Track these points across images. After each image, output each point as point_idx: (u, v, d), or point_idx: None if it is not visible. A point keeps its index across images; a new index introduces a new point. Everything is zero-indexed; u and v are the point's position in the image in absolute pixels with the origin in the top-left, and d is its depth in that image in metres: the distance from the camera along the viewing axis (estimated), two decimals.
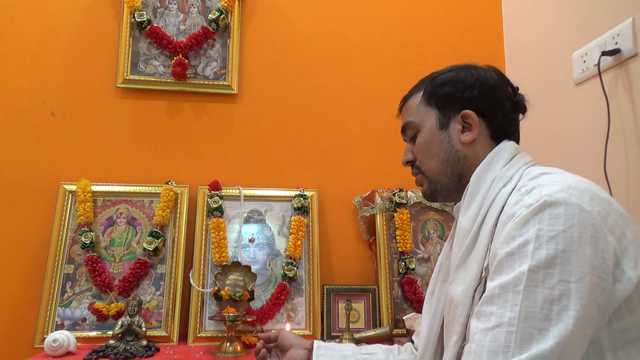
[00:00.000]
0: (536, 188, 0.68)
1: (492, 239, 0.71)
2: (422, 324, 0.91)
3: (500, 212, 0.72)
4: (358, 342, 1.41)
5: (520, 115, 0.89)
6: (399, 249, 1.61)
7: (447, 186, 0.87)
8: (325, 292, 1.56)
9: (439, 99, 0.87)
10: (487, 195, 0.77)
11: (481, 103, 0.84)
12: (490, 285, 0.65)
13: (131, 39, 1.68)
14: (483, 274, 0.70)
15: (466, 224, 0.78)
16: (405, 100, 0.95)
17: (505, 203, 0.72)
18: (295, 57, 1.79)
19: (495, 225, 0.71)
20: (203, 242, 1.54)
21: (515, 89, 0.88)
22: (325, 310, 1.53)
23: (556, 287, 0.59)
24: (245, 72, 1.76)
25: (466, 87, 0.85)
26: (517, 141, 0.87)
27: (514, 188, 0.74)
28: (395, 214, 1.64)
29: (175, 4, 1.73)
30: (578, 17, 1.47)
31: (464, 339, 0.71)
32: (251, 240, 1.59)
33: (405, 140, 0.95)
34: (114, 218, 1.55)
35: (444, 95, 0.86)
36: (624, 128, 1.27)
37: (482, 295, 0.68)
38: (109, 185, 1.58)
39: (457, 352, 0.71)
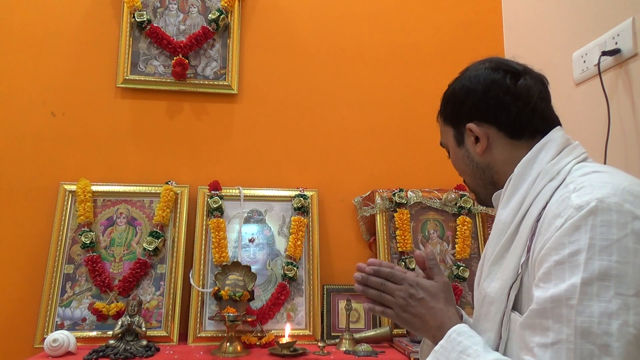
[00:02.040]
0: (585, 187, 0.64)
1: (533, 235, 0.69)
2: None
3: (544, 208, 0.69)
4: (358, 342, 1.41)
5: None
6: (399, 249, 1.61)
7: (487, 194, 0.86)
8: (325, 292, 1.56)
9: (447, 118, 0.89)
10: (531, 190, 0.73)
11: (479, 111, 0.82)
12: (539, 296, 0.62)
13: (131, 39, 1.68)
14: (519, 271, 0.69)
15: (506, 217, 0.75)
16: (437, 119, 0.95)
17: (550, 199, 0.70)
18: (295, 57, 1.79)
19: (538, 220, 0.69)
20: (203, 242, 1.54)
21: (517, 75, 0.81)
22: (325, 310, 1.53)
23: (613, 300, 0.56)
24: (245, 72, 1.76)
25: (461, 100, 0.84)
26: (556, 124, 0.81)
27: (561, 184, 0.70)
28: (395, 214, 1.64)
29: (175, 4, 1.73)
30: (578, 17, 1.47)
31: (500, 337, 0.70)
32: (251, 240, 1.59)
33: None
34: (114, 218, 1.55)
35: (449, 114, 0.88)
36: (624, 128, 1.27)
37: (517, 292, 0.68)
38: (109, 185, 1.58)
39: (493, 348, 0.70)
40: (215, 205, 1.57)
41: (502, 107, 0.80)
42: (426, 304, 0.77)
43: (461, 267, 1.60)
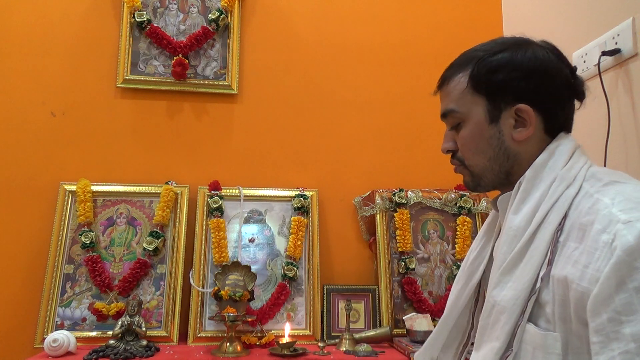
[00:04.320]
0: (623, 201, 0.61)
1: (555, 246, 0.66)
2: (447, 304, 0.89)
3: (564, 217, 0.67)
4: (358, 342, 1.41)
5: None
6: (399, 249, 1.61)
7: (492, 182, 0.79)
8: (325, 292, 1.56)
9: (490, 87, 0.75)
10: (547, 197, 0.69)
11: (539, 95, 0.73)
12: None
13: (131, 39, 1.68)
14: (538, 284, 0.65)
15: (519, 223, 0.70)
16: (446, 79, 0.83)
17: (570, 207, 0.67)
18: (295, 57, 1.79)
19: (558, 231, 0.66)
20: (203, 242, 1.54)
21: (573, 71, 0.77)
22: (325, 310, 1.53)
23: None
24: (245, 72, 1.76)
25: (523, 75, 0.73)
26: (570, 130, 0.78)
27: (578, 191, 0.68)
28: (395, 214, 1.64)
29: (175, 4, 1.73)
30: (578, 17, 1.47)
31: (509, 348, 0.67)
32: (251, 240, 1.59)
33: (446, 126, 0.85)
34: (114, 218, 1.55)
35: (496, 84, 0.75)
36: (624, 128, 1.27)
37: (534, 305, 0.65)
38: (109, 185, 1.58)
39: (499, 358, 0.67)
40: (215, 205, 1.57)
41: (559, 99, 0.75)
42: None
43: (457, 271, 1.60)
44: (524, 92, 0.74)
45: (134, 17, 1.66)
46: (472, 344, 0.79)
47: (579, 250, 0.62)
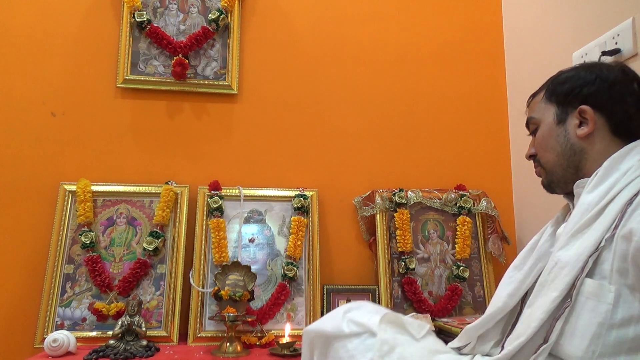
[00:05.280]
0: None
1: (623, 215, 0.73)
2: (499, 292, 0.92)
3: (636, 195, 0.74)
4: None
5: None
6: (399, 249, 1.61)
7: (563, 178, 0.91)
8: (325, 292, 1.56)
9: (559, 95, 0.92)
10: (621, 179, 0.78)
11: (599, 98, 0.87)
12: None
13: (131, 39, 1.68)
14: (601, 244, 0.73)
15: (592, 199, 0.79)
16: (532, 97, 1.01)
17: None
18: (295, 56, 1.79)
19: (629, 204, 0.73)
20: (203, 242, 1.54)
21: None
22: (325, 310, 1.53)
23: None
24: (245, 72, 1.76)
25: (585, 83, 0.89)
26: None
27: None
28: (395, 214, 1.64)
29: (175, 4, 1.73)
30: (578, 17, 1.47)
31: (566, 298, 0.73)
32: (251, 240, 1.59)
33: (531, 135, 1.00)
34: (114, 218, 1.55)
35: (563, 92, 0.91)
36: None
37: (594, 263, 0.72)
38: (109, 185, 1.58)
39: (555, 307, 0.74)
40: (215, 205, 1.57)
41: (621, 103, 0.86)
42: None
43: (461, 267, 1.60)
44: (585, 96, 0.88)
45: (134, 17, 1.66)
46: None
47: None
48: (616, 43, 1.27)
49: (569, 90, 0.90)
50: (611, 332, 0.68)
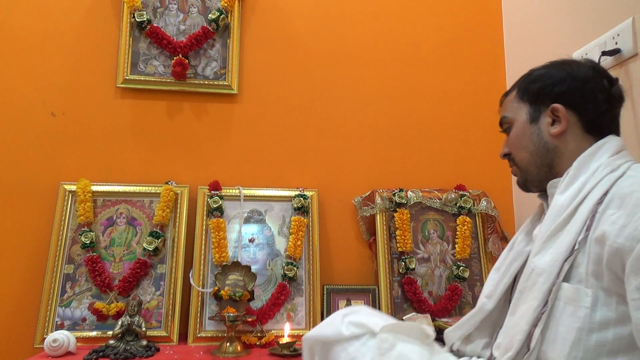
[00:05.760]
0: None
1: (594, 216, 0.73)
2: (481, 294, 0.95)
3: (605, 194, 0.74)
4: None
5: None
6: (399, 249, 1.61)
7: (537, 176, 0.91)
8: (325, 292, 1.56)
9: (531, 94, 0.92)
10: (591, 179, 0.79)
11: (571, 96, 0.87)
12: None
13: (131, 39, 1.68)
14: (576, 247, 0.73)
15: (564, 201, 0.80)
16: (505, 96, 1.00)
17: (612, 186, 0.75)
18: (295, 57, 1.79)
19: (599, 204, 0.74)
20: (203, 242, 1.54)
21: (613, 81, 0.89)
22: (325, 310, 1.53)
23: None
24: (245, 72, 1.76)
25: (556, 82, 0.89)
26: (618, 134, 0.90)
27: (622, 175, 0.76)
28: (395, 214, 1.64)
29: (175, 4, 1.73)
30: (578, 17, 1.47)
31: (545, 305, 0.73)
32: (251, 240, 1.59)
33: (503, 133, 1.00)
34: (114, 218, 1.55)
35: (534, 91, 0.91)
36: (624, 128, 1.26)
37: (569, 266, 0.73)
38: (109, 185, 1.58)
39: (536, 318, 0.74)
40: (215, 205, 1.57)
41: (593, 101, 0.87)
42: None
43: (461, 267, 1.60)
44: (557, 95, 0.88)
45: (134, 17, 1.66)
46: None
47: (617, 214, 0.70)
48: (616, 43, 1.27)
49: (540, 88, 0.90)
50: (591, 336, 0.68)
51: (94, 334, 1.41)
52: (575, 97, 0.87)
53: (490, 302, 0.91)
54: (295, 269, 1.54)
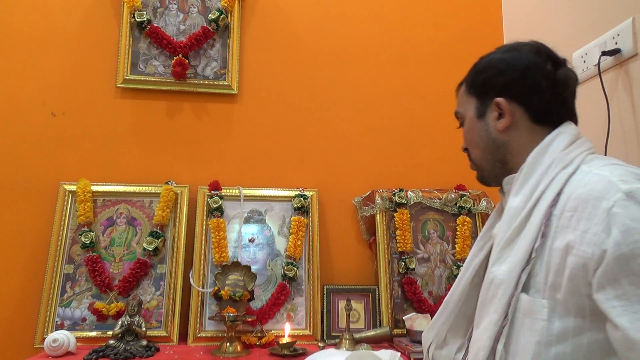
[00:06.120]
0: (623, 174, 0.65)
1: (548, 220, 0.70)
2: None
3: (558, 194, 0.71)
4: (358, 342, 1.41)
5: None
6: (399, 249, 1.61)
7: (492, 172, 0.88)
8: (325, 292, 1.56)
9: (476, 88, 0.88)
10: (544, 177, 0.75)
11: (512, 89, 0.82)
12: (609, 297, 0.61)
13: (131, 39, 1.68)
14: (533, 255, 0.70)
15: (518, 204, 0.76)
16: (458, 87, 0.95)
17: (565, 185, 0.71)
18: (295, 57, 1.79)
19: (552, 206, 0.70)
20: (203, 242, 1.54)
21: (558, 63, 0.83)
22: (325, 310, 1.53)
23: None
24: (245, 72, 1.76)
25: (497, 73, 0.84)
26: (574, 121, 0.84)
27: (575, 171, 0.72)
28: (395, 214, 1.64)
29: (175, 4, 1.73)
30: (578, 17, 1.47)
31: (505, 318, 0.71)
32: (251, 240, 1.59)
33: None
34: (114, 218, 1.55)
35: (479, 84, 0.87)
36: (624, 128, 1.27)
37: (527, 276, 0.69)
38: (109, 185, 1.58)
39: (497, 332, 0.71)
40: (215, 205, 1.57)
41: (536, 90, 0.81)
42: None
43: (461, 267, 1.60)
44: (500, 87, 0.83)
45: (134, 17, 1.66)
46: None
47: (575, 217, 0.66)
48: (616, 43, 1.27)
49: (484, 81, 0.86)
50: (550, 350, 0.65)
51: (94, 334, 1.41)
52: (517, 89, 0.81)
53: (451, 302, 0.90)
54: (295, 269, 1.54)
